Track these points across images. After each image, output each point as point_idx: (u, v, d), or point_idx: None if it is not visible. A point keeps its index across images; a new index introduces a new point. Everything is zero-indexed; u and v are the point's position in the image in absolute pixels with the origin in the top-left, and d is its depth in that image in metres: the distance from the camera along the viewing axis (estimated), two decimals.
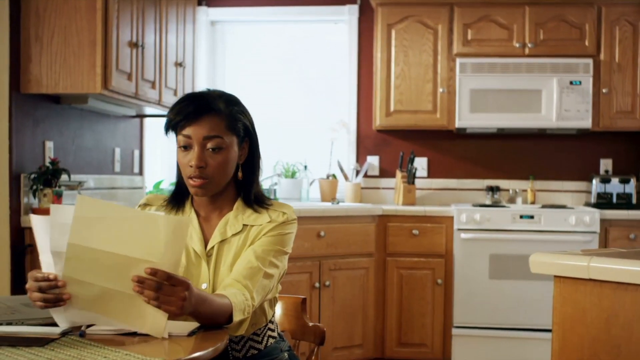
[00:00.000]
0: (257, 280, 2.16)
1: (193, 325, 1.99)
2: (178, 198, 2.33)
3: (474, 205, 5.38)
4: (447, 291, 5.17)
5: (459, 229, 5.13)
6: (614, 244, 5.03)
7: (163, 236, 1.83)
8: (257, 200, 2.32)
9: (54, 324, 2.00)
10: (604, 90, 5.39)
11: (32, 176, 3.89)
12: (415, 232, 5.18)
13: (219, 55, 6.12)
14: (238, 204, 2.30)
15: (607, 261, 1.89)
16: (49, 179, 3.90)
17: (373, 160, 5.94)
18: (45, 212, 3.84)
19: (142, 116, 5.20)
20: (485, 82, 5.39)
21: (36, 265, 3.73)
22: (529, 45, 5.40)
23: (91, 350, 1.75)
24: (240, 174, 2.29)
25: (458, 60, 5.42)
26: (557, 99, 5.33)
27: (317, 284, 4.87)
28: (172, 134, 2.24)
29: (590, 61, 5.34)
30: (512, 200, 5.76)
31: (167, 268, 1.82)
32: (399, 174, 5.67)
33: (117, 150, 4.89)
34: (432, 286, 5.17)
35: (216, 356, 1.84)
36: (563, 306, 2.00)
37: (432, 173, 5.94)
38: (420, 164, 5.89)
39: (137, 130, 5.23)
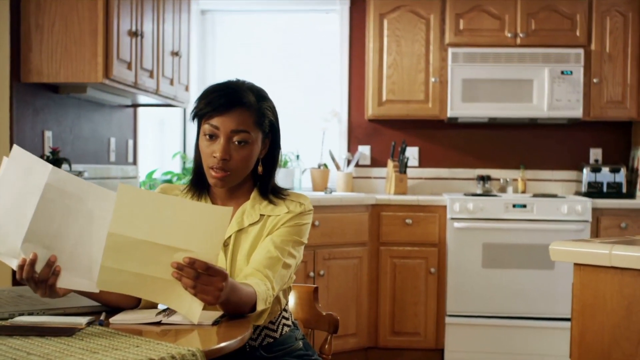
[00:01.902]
0: (276, 270, 2.17)
1: (216, 314, 2.00)
2: (198, 185, 2.32)
3: (466, 195, 5.41)
4: (440, 280, 5.20)
5: (452, 218, 5.15)
6: (606, 233, 5.09)
7: (203, 225, 1.83)
8: (274, 191, 2.32)
9: (76, 314, 2.00)
10: (594, 80, 5.44)
11: None
12: (408, 221, 5.20)
13: (209, 44, 6.09)
14: (255, 194, 2.30)
15: (629, 249, 1.92)
16: None
17: (364, 150, 5.96)
18: None
19: (136, 105, 5.17)
20: (477, 72, 5.41)
21: None
22: (521, 35, 5.43)
23: (121, 339, 1.75)
24: (260, 169, 2.30)
25: (450, 50, 5.44)
26: (549, 88, 5.37)
27: (311, 274, 4.88)
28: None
29: (581, 51, 5.38)
30: (502, 190, 5.80)
31: (206, 257, 1.83)
32: (390, 163, 5.69)
33: (113, 140, 4.86)
34: (426, 275, 5.20)
35: None
36: (583, 294, 2.03)
37: (423, 162, 5.96)
38: (412, 153, 5.91)
39: (131, 119, 5.19)
